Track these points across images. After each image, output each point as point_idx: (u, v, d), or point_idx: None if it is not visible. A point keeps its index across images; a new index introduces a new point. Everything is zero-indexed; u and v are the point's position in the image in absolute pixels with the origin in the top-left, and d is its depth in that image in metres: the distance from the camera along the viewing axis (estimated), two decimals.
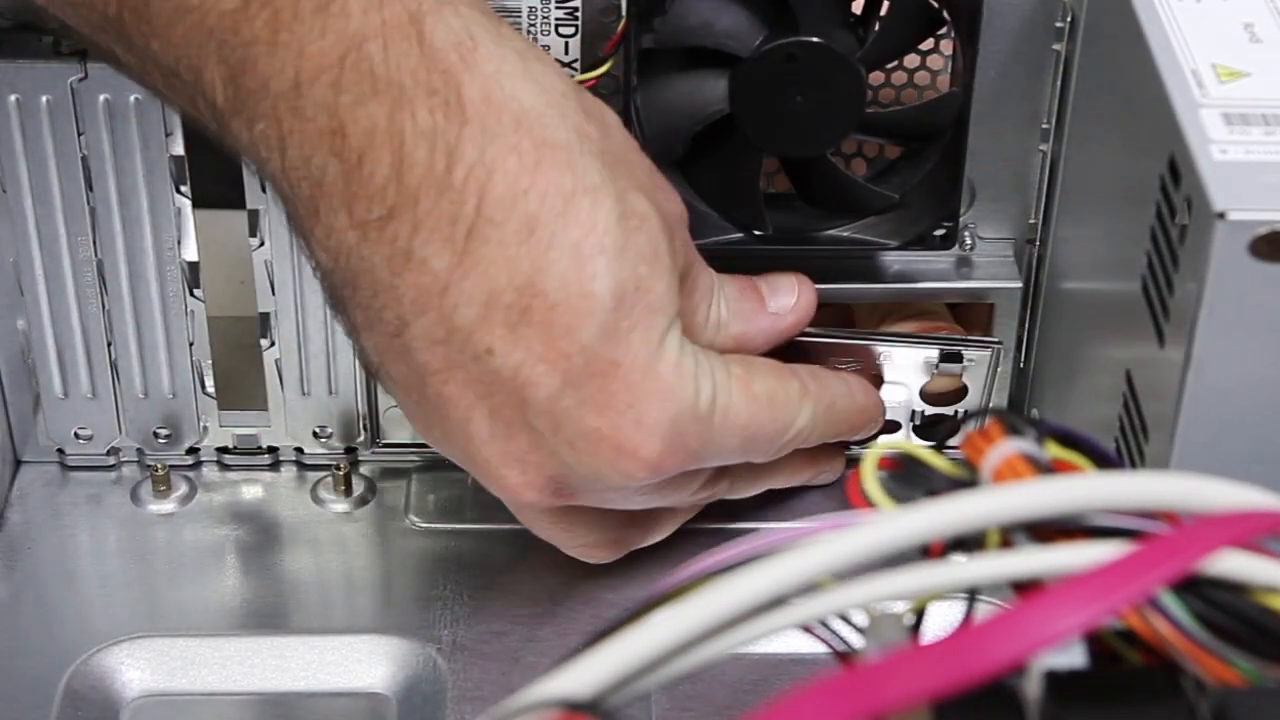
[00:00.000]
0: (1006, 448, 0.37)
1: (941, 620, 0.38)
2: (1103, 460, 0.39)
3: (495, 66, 0.48)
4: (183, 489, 0.64)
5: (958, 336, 0.62)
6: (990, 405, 0.63)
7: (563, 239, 0.48)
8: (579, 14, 0.57)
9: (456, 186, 0.47)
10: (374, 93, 0.46)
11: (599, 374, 0.49)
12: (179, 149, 0.58)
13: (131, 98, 0.57)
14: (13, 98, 0.57)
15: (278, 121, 0.47)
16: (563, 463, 0.51)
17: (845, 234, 0.59)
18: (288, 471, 0.65)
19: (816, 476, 0.62)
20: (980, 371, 0.62)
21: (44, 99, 0.57)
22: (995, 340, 0.61)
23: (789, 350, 0.58)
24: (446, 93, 0.47)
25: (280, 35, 0.46)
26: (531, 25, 0.57)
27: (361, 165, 0.47)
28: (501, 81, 0.48)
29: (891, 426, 0.63)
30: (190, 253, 0.60)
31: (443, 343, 0.48)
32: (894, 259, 0.62)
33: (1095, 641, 0.36)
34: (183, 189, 0.59)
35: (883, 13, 0.56)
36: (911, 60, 0.59)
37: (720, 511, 0.63)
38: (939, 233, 0.59)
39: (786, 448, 0.56)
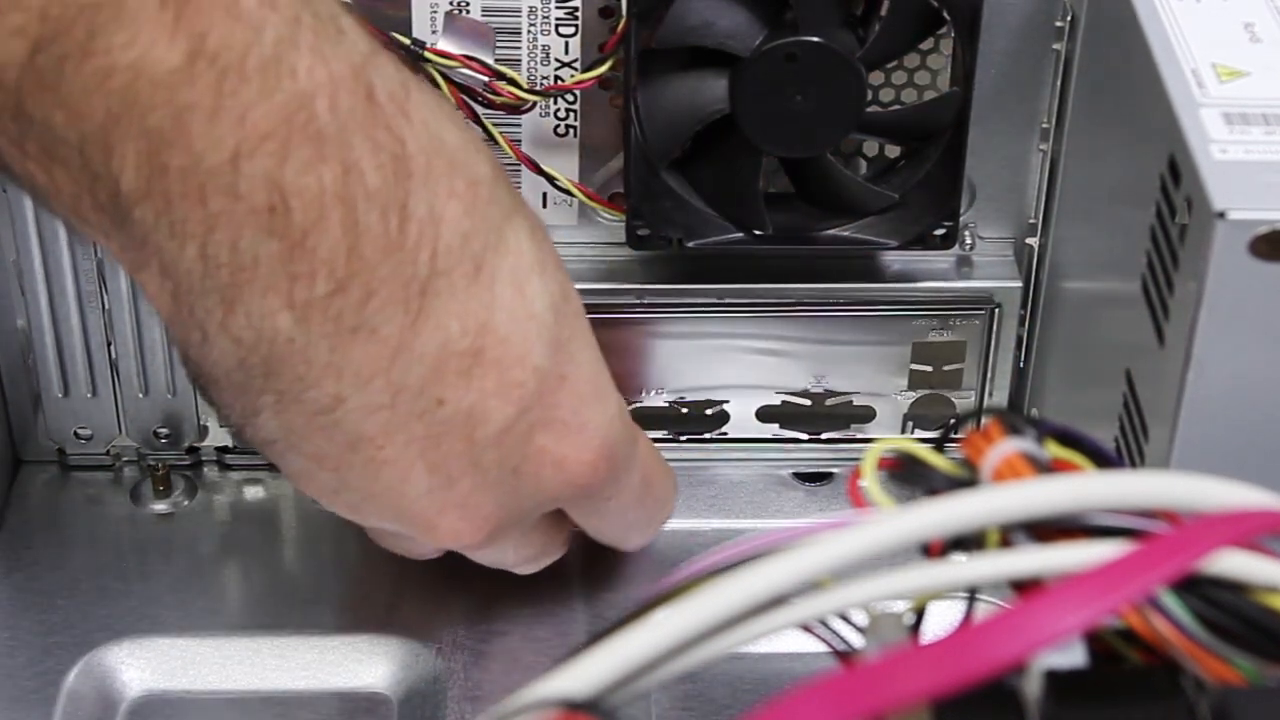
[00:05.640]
0: (1006, 447, 0.37)
1: (941, 620, 0.38)
2: (1103, 460, 0.39)
3: (426, 113, 0.45)
4: (182, 489, 0.64)
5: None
6: (990, 405, 0.63)
7: (502, 272, 0.46)
8: (579, 14, 0.57)
9: (410, 246, 0.44)
10: (322, 157, 0.42)
11: (549, 391, 0.48)
12: None
13: None
14: None
15: (203, 203, 0.41)
16: (505, 493, 0.49)
17: (845, 234, 0.59)
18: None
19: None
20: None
21: None
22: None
23: None
24: (392, 147, 0.43)
25: (225, 100, 0.41)
26: (531, 25, 0.57)
27: (306, 240, 0.42)
28: (431, 126, 0.45)
29: (867, 414, 0.64)
30: None
31: (387, 408, 0.46)
32: (894, 259, 0.62)
33: (1095, 641, 0.36)
34: None
35: (883, 13, 0.56)
36: (911, 60, 0.59)
37: (719, 511, 0.63)
38: (939, 232, 0.59)
39: (657, 516, 0.57)
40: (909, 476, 0.38)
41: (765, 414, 0.64)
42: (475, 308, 0.46)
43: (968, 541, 0.37)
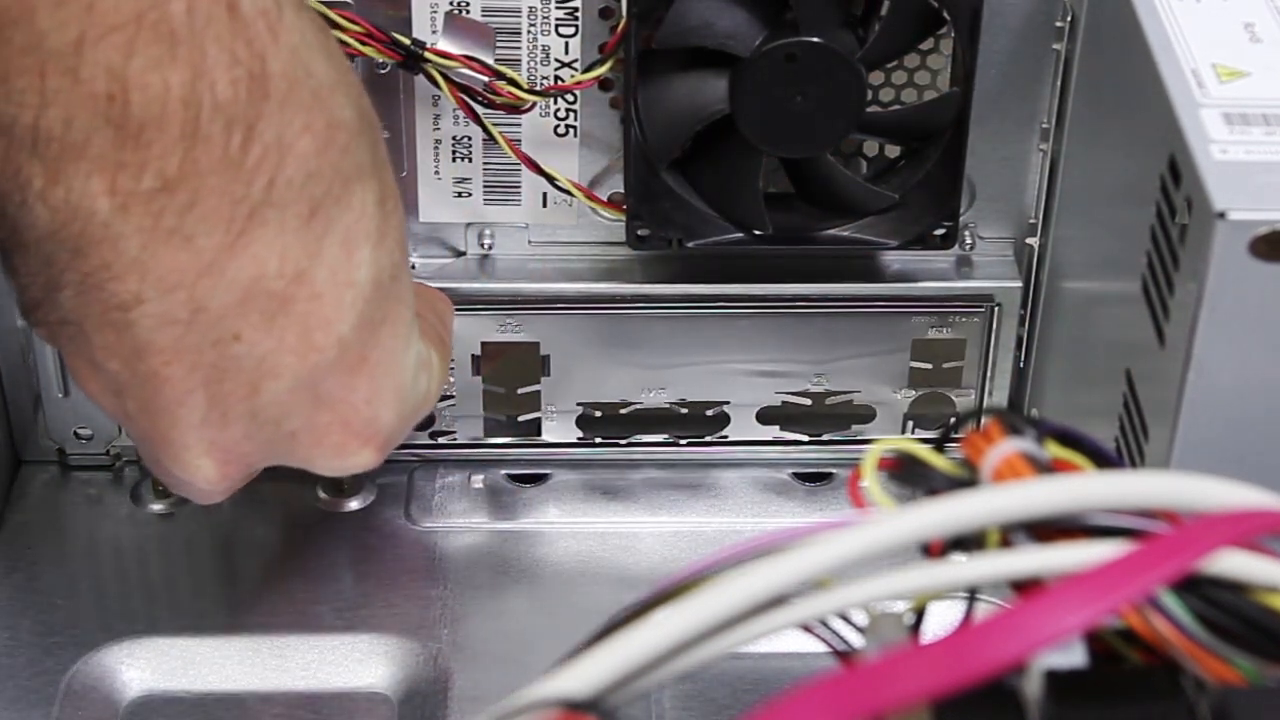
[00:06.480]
0: (1006, 447, 0.37)
1: (941, 620, 0.38)
2: (1103, 460, 0.39)
3: (298, 38, 0.44)
4: None
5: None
6: (990, 405, 0.63)
7: (337, 226, 0.45)
8: (579, 14, 0.57)
9: (250, 166, 0.43)
10: (171, 59, 0.42)
11: (346, 368, 0.47)
12: None
13: None
14: None
15: (41, 78, 0.41)
16: (271, 451, 0.49)
17: (845, 234, 0.59)
18: (287, 471, 0.64)
19: None
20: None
21: None
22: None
23: None
24: (251, 64, 0.43)
25: None
26: (531, 25, 0.57)
27: (141, 134, 0.42)
28: (302, 55, 0.44)
29: (868, 414, 0.64)
30: None
31: (182, 324, 0.45)
32: (894, 259, 0.62)
33: (1095, 641, 0.36)
34: None
35: (883, 13, 0.56)
36: (911, 60, 0.59)
37: (719, 512, 0.63)
38: (939, 232, 0.59)
39: None
40: (909, 477, 0.38)
41: (765, 415, 0.64)
42: (298, 253, 0.45)
43: (968, 541, 0.37)
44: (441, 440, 0.65)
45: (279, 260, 0.45)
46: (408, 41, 0.55)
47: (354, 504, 0.63)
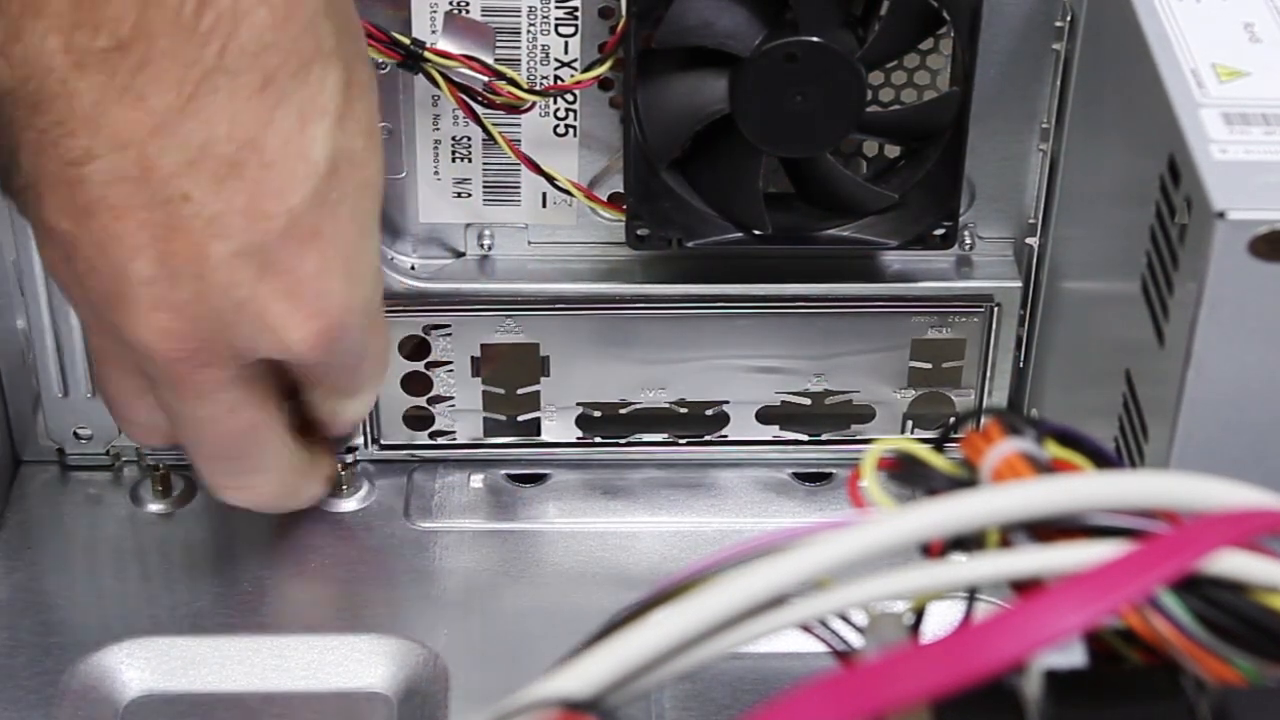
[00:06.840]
0: (1006, 447, 0.38)
1: (941, 620, 0.38)
2: (1102, 460, 0.39)
3: None
4: (182, 489, 0.63)
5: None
6: (989, 405, 0.63)
7: (292, 99, 0.46)
8: (579, 14, 0.57)
9: (202, 31, 0.45)
10: None
11: (297, 239, 0.48)
12: None
13: None
14: None
15: None
16: (221, 321, 0.49)
17: (845, 234, 0.59)
18: None
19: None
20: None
21: None
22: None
23: None
24: None
25: None
26: (531, 25, 0.57)
27: None
28: None
29: (867, 413, 0.64)
30: None
31: (133, 180, 0.46)
32: (894, 259, 0.62)
33: (1095, 641, 0.36)
34: None
35: (883, 13, 0.56)
36: (911, 60, 0.59)
37: (719, 511, 0.63)
38: (939, 232, 0.59)
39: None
40: (909, 476, 0.38)
41: (765, 415, 0.64)
42: (249, 120, 0.46)
43: (968, 541, 0.37)
44: (441, 440, 0.65)
45: (229, 125, 0.46)
46: (407, 41, 0.55)
47: (354, 504, 0.63)
